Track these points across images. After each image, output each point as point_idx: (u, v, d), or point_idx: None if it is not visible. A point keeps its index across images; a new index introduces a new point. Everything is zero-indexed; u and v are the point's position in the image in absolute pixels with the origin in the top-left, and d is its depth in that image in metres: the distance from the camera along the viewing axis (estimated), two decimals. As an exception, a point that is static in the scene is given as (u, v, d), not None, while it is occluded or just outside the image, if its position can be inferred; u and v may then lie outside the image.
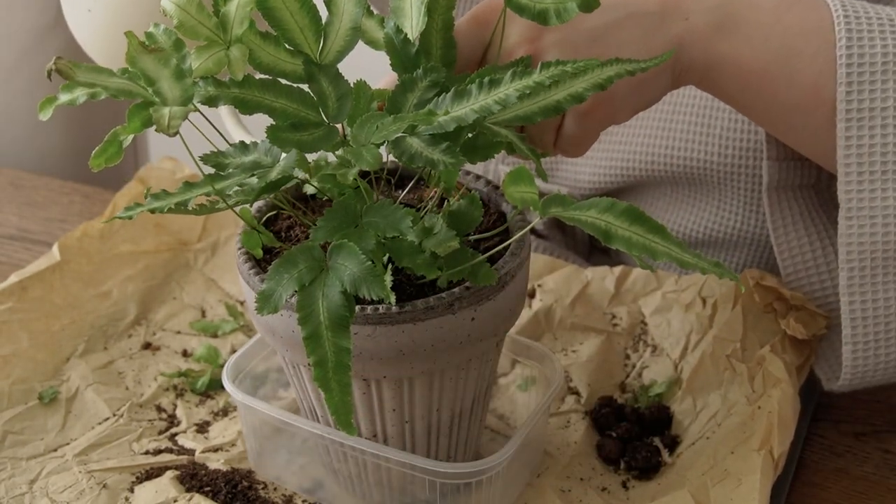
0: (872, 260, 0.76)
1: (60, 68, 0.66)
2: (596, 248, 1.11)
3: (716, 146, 0.96)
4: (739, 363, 0.86)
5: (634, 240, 0.65)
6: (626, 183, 1.03)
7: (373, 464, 0.76)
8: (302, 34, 0.70)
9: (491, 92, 0.67)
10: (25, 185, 1.21)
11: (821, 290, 0.86)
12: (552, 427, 0.86)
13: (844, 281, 0.77)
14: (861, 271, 0.76)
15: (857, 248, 0.76)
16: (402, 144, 0.66)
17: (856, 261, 0.76)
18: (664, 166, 0.99)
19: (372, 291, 0.63)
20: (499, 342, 0.76)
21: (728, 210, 0.99)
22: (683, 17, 0.75)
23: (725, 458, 0.79)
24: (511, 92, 0.66)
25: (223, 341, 0.97)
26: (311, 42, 0.70)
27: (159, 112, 0.65)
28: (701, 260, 0.65)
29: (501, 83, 0.67)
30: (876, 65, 0.74)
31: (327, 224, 0.66)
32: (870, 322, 0.77)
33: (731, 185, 0.97)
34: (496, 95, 0.66)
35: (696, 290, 0.93)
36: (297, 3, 0.69)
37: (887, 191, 0.74)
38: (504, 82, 0.67)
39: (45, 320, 0.96)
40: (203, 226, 1.07)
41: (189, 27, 0.68)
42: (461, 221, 0.71)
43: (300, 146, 0.67)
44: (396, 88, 0.70)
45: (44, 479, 0.82)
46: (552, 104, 0.68)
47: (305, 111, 0.69)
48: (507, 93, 0.66)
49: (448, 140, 0.66)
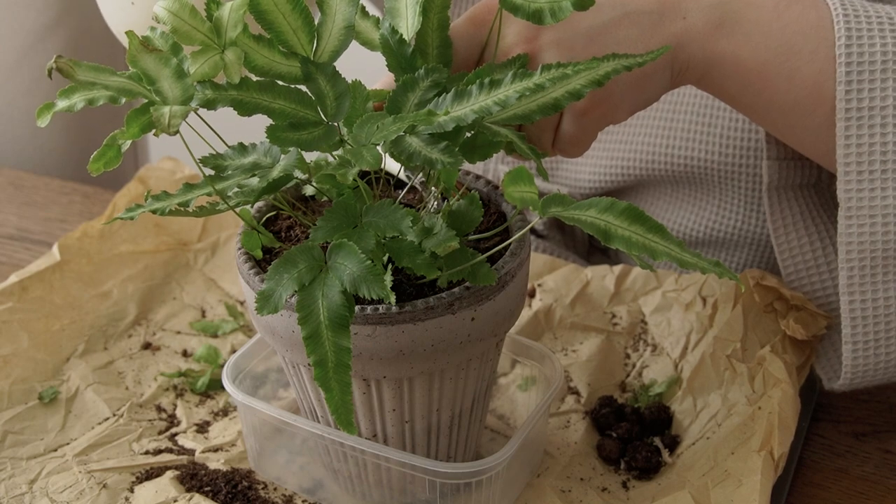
0: (872, 259, 0.76)
1: (61, 67, 0.66)
2: (595, 248, 1.11)
3: (717, 146, 0.96)
4: (740, 363, 0.86)
5: (634, 239, 0.65)
6: (626, 182, 1.03)
7: (373, 464, 0.76)
8: (295, 36, 0.70)
9: (491, 93, 0.67)
10: (25, 185, 1.21)
11: (821, 290, 0.86)
12: (552, 427, 0.86)
13: (844, 280, 0.77)
14: (861, 271, 0.76)
15: (856, 247, 0.76)
16: (401, 144, 0.66)
17: (855, 260, 0.76)
18: (665, 166, 0.99)
19: (372, 291, 0.63)
20: (499, 342, 0.76)
21: (729, 210, 0.99)
22: (681, 16, 0.75)
23: (726, 458, 0.79)
24: (511, 93, 0.66)
25: (223, 341, 0.97)
26: (305, 43, 0.70)
27: (159, 111, 0.65)
28: (701, 260, 0.65)
29: (502, 84, 0.67)
30: (875, 63, 0.74)
31: (327, 224, 0.66)
32: (870, 322, 0.77)
33: (731, 185, 0.97)
34: (496, 96, 0.66)
35: (696, 290, 0.93)
36: (289, 4, 0.69)
37: (887, 190, 0.74)
38: (504, 83, 0.67)
39: (45, 320, 0.96)
40: (203, 226, 1.07)
41: (183, 33, 0.68)
42: (461, 221, 0.71)
43: (300, 145, 0.67)
44: (397, 88, 0.70)
45: (44, 478, 0.82)
46: (550, 102, 0.68)
47: (304, 111, 0.69)
48: (507, 94, 0.66)
49: (447, 139, 0.66)
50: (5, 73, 1.36)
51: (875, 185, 0.74)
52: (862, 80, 0.74)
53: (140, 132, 0.68)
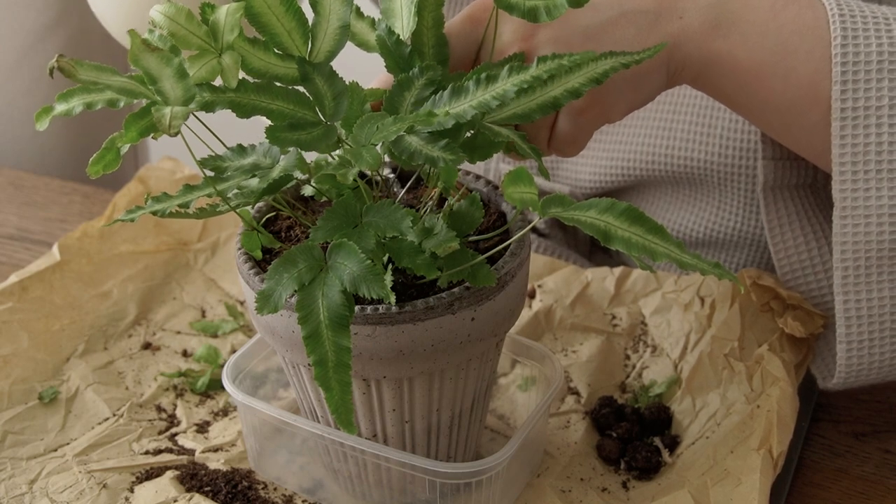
0: (867, 259, 0.76)
1: (63, 66, 0.66)
2: (597, 247, 1.11)
3: (716, 146, 0.96)
4: (738, 362, 0.86)
5: (634, 240, 0.65)
6: (626, 182, 1.03)
7: (373, 464, 0.76)
8: (290, 37, 0.70)
9: (488, 88, 0.67)
10: (25, 185, 1.21)
11: (817, 290, 0.86)
12: (552, 427, 0.86)
13: (839, 280, 0.77)
14: (856, 271, 0.76)
15: (851, 247, 0.76)
16: (401, 143, 0.66)
17: (850, 260, 0.76)
18: (664, 166, 0.99)
19: (372, 291, 0.63)
20: (499, 342, 0.76)
21: (728, 210, 0.99)
22: (678, 16, 0.75)
23: (725, 457, 0.80)
24: (509, 87, 0.66)
25: (223, 341, 0.97)
26: (300, 44, 0.70)
27: (160, 112, 0.65)
28: (700, 261, 0.65)
29: (498, 79, 0.67)
30: (871, 63, 0.74)
31: (327, 224, 0.66)
32: (864, 321, 0.77)
33: (730, 186, 0.97)
34: (494, 91, 0.66)
35: (694, 290, 0.93)
36: (283, 6, 0.69)
37: (882, 190, 0.74)
38: (501, 77, 0.67)
39: (45, 320, 0.96)
40: (203, 226, 1.07)
41: (180, 37, 0.68)
42: (462, 222, 0.71)
43: (299, 145, 0.67)
44: (393, 88, 0.70)
45: (44, 479, 0.83)
46: (549, 100, 0.68)
47: (302, 111, 0.69)
48: (504, 88, 0.66)
49: (447, 137, 0.66)
50: (5, 73, 1.37)
51: (870, 185, 0.74)
52: (857, 80, 0.74)
53: (138, 136, 0.68)
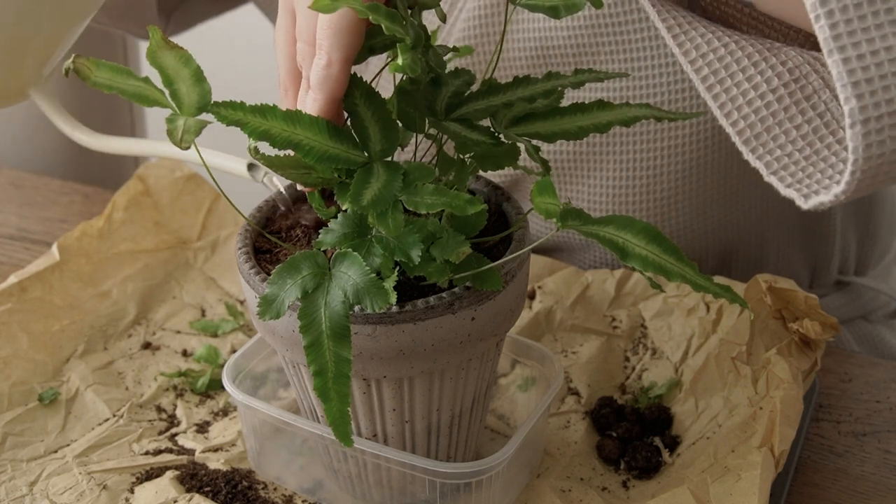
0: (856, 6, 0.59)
1: (78, 67, 0.64)
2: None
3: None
4: (744, 365, 0.86)
5: (650, 259, 0.65)
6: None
7: (373, 464, 0.76)
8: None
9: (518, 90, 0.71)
10: (25, 185, 1.21)
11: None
12: (552, 427, 0.86)
13: (828, 34, 0.59)
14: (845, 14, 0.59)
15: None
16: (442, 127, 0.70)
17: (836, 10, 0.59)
18: (665, 167, 0.99)
19: (375, 304, 0.63)
20: (499, 342, 0.76)
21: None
22: None
23: (726, 456, 0.79)
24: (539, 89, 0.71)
25: (223, 341, 0.97)
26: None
27: (173, 124, 0.64)
28: (712, 284, 0.66)
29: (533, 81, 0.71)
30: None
31: (338, 230, 0.66)
32: (872, 67, 0.59)
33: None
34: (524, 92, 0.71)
35: (699, 295, 0.92)
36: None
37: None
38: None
39: (45, 321, 0.96)
40: (203, 224, 1.07)
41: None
42: (465, 224, 0.71)
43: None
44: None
45: (44, 480, 0.82)
46: (573, 129, 0.71)
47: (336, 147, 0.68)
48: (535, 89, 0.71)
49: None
50: (5, 73, 1.36)
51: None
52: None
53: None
